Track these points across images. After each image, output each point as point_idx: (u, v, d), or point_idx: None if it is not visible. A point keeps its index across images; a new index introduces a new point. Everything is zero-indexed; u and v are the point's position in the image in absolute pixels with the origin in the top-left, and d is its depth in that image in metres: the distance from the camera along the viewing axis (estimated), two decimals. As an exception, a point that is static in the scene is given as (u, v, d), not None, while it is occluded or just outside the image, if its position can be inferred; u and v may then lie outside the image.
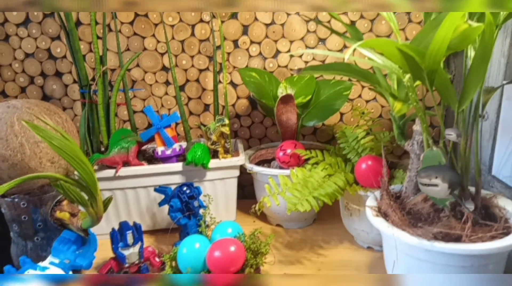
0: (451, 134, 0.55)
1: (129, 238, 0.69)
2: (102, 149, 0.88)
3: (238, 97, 1.00)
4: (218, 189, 0.85)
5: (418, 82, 0.56)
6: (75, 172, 0.76)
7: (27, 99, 0.73)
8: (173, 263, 0.67)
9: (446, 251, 0.50)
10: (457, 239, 0.52)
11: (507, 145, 0.69)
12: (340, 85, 0.87)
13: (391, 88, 0.61)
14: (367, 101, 0.98)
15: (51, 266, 0.64)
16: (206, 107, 1.01)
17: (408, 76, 0.51)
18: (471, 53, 0.56)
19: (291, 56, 0.96)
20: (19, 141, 0.65)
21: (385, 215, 0.59)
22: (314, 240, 0.82)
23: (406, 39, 0.93)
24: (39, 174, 0.59)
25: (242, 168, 0.86)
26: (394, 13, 0.73)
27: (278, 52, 0.96)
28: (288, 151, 0.81)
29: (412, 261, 0.54)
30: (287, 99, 0.82)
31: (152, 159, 0.90)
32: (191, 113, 1.01)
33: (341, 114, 1.00)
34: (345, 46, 0.95)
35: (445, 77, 0.51)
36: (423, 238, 0.51)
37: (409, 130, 0.93)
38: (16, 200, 0.69)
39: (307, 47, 0.95)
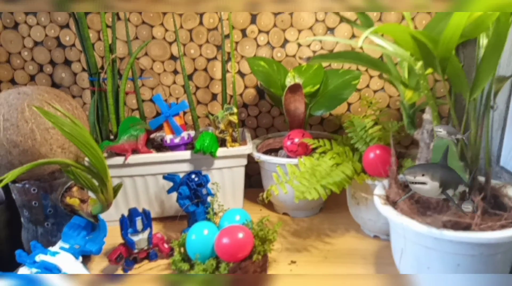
0: (440, 131, 0.53)
1: (138, 224, 0.69)
2: (111, 137, 0.89)
3: (245, 87, 1.00)
4: (225, 178, 0.86)
5: (429, 70, 0.56)
6: (85, 159, 0.77)
7: (38, 86, 0.73)
8: (182, 249, 0.67)
9: (455, 240, 0.50)
10: (467, 227, 0.52)
11: (516, 136, 0.68)
12: (348, 75, 0.86)
13: (401, 76, 0.61)
14: (375, 91, 0.98)
15: (61, 251, 0.65)
16: (214, 96, 1.01)
17: (420, 63, 0.51)
18: (483, 41, 0.56)
19: (299, 45, 0.95)
20: (29, 127, 0.66)
21: (393, 204, 0.59)
22: (320, 228, 0.82)
23: (415, 28, 0.92)
24: (50, 159, 0.59)
25: (249, 158, 0.86)
26: None
27: (286, 41, 0.96)
28: (296, 140, 0.81)
29: (420, 249, 0.54)
30: (295, 88, 0.82)
31: (160, 147, 0.90)
32: (198, 102, 1.01)
33: (349, 104, 1.00)
34: (353, 35, 0.94)
35: (457, 64, 0.51)
36: (433, 226, 0.51)
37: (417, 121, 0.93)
38: (26, 186, 0.70)
39: (315, 36, 0.94)
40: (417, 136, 0.61)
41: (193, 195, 0.76)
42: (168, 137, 0.85)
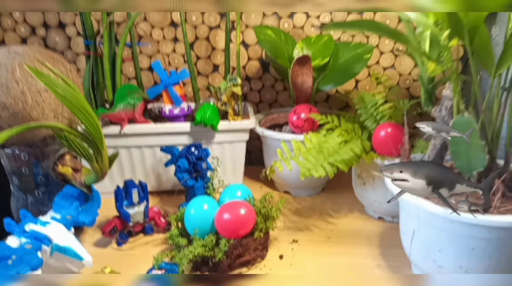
0: (423, 127, 0.49)
1: (135, 196, 0.66)
2: (107, 105, 0.84)
3: (249, 59, 0.95)
4: (226, 152, 0.82)
5: (453, 42, 0.52)
6: (80, 125, 0.72)
7: (30, 46, 0.69)
8: (180, 224, 0.65)
9: (472, 222, 0.47)
10: (484, 210, 0.49)
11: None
12: (360, 48, 0.82)
13: (422, 48, 0.57)
14: (384, 69, 0.94)
15: (52, 221, 0.61)
16: (215, 67, 0.96)
17: (446, 33, 0.47)
18: None
19: (308, 15, 0.90)
20: (20, 88, 0.61)
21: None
22: (323, 208, 0.79)
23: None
24: (41, 123, 0.55)
25: (249, 133, 0.82)
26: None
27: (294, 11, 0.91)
28: (302, 115, 0.77)
29: (433, 231, 0.52)
30: (303, 60, 0.78)
31: (158, 118, 0.86)
32: (199, 73, 0.97)
33: (356, 81, 0.96)
34: (366, 8, 0.89)
35: (486, 35, 0.47)
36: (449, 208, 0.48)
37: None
38: (16, 151, 0.66)
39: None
40: (435, 114, 0.58)
41: (192, 169, 0.73)
42: (167, 108, 0.81)
